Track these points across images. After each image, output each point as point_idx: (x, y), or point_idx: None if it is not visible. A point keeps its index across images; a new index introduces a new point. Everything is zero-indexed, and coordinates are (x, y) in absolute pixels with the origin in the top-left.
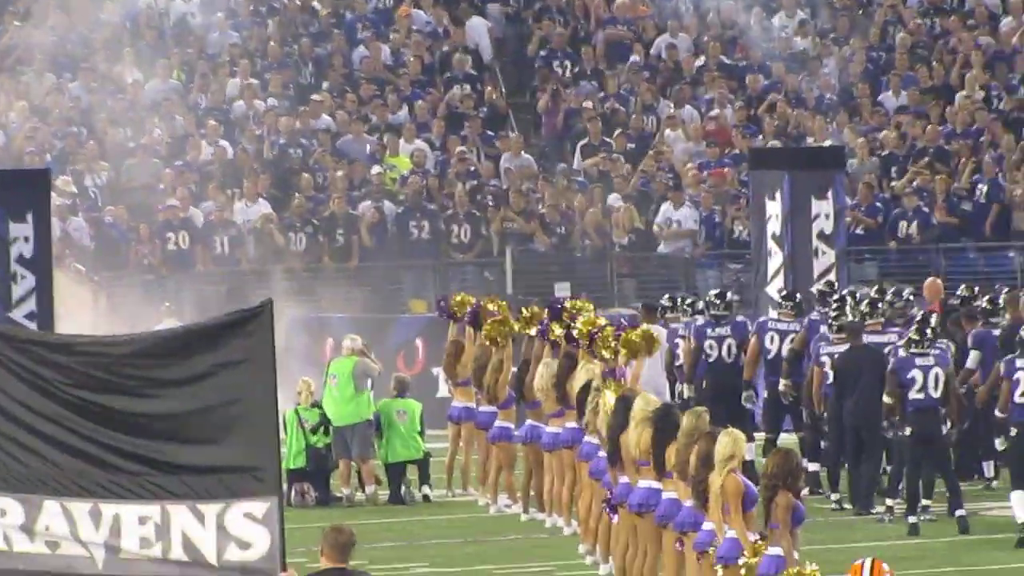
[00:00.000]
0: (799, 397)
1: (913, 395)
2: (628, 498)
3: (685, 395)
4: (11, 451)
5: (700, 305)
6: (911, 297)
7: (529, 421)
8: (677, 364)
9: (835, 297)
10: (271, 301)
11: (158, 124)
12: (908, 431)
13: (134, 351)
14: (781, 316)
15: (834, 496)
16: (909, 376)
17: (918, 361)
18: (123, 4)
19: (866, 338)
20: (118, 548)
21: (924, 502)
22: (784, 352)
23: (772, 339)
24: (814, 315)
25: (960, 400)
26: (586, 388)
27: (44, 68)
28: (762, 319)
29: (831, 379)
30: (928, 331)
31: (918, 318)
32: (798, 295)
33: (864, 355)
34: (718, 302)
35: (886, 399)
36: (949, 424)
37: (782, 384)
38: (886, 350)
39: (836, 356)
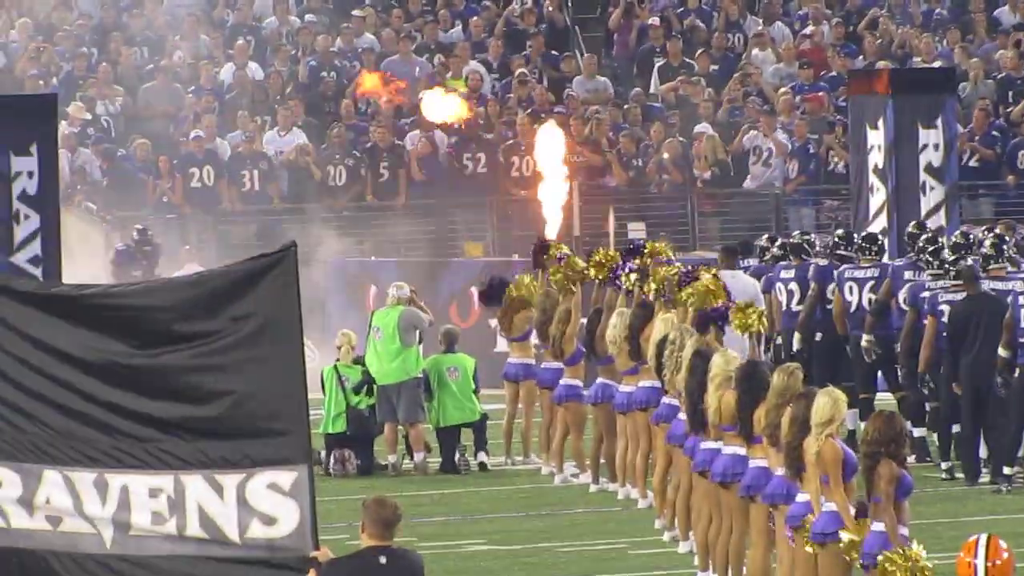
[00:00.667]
0: (883, 353)
1: None
2: (711, 466)
3: (795, 347)
4: (6, 415)
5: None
6: None
7: (600, 379)
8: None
9: (926, 237)
10: (294, 244)
11: (179, 44)
12: None
13: (143, 303)
14: (864, 261)
15: (944, 464)
16: None
17: None
18: None
19: (987, 285)
20: (127, 524)
21: None
22: (865, 302)
23: (851, 289)
24: (897, 260)
25: None
26: (664, 341)
27: None
28: (841, 267)
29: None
30: None
31: None
32: (879, 237)
33: (984, 304)
34: (871, 245)
35: (1002, 352)
36: None
37: (865, 340)
38: (1008, 299)
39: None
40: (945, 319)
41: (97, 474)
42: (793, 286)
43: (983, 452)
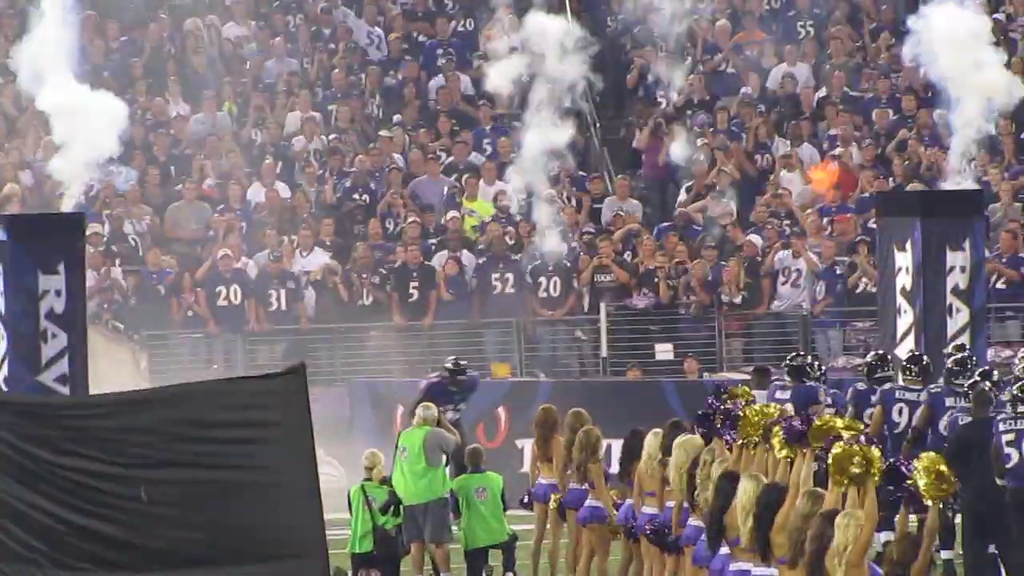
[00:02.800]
0: None
1: None
2: None
3: None
4: (2, 539)
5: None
6: None
7: (628, 500)
8: None
9: (954, 359)
10: (303, 364)
11: (206, 163)
12: None
13: (128, 423)
14: (908, 383)
15: None
16: None
17: None
18: (167, 26)
19: None
20: None
21: None
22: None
23: (900, 410)
24: (935, 386)
25: None
26: (694, 464)
27: None
28: (887, 387)
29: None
30: None
31: None
32: (925, 358)
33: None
34: (913, 367)
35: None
36: None
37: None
38: None
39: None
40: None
41: None
42: (788, 407)
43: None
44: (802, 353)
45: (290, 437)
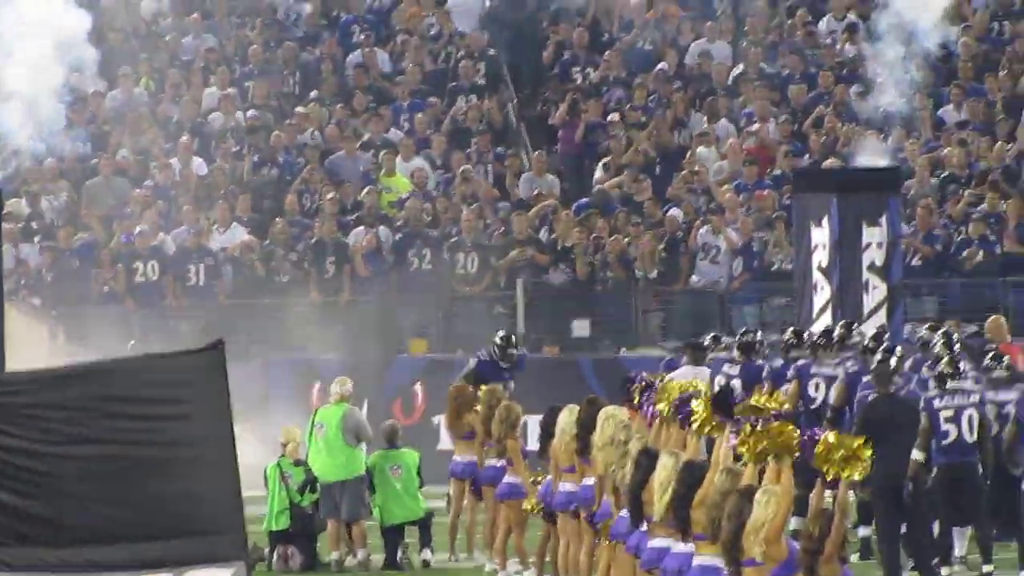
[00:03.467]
0: None
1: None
2: (660, 564)
3: None
4: None
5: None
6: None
7: (549, 477)
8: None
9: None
10: (222, 341)
11: (123, 139)
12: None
13: (50, 398)
14: (821, 357)
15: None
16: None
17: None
18: (85, 2)
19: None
20: None
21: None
22: (831, 399)
23: (817, 386)
24: (851, 364)
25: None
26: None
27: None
28: (802, 362)
29: None
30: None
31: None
32: (834, 332)
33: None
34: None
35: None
36: None
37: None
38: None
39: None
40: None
41: None
42: (736, 383)
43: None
44: (752, 330)
45: (208, 413)
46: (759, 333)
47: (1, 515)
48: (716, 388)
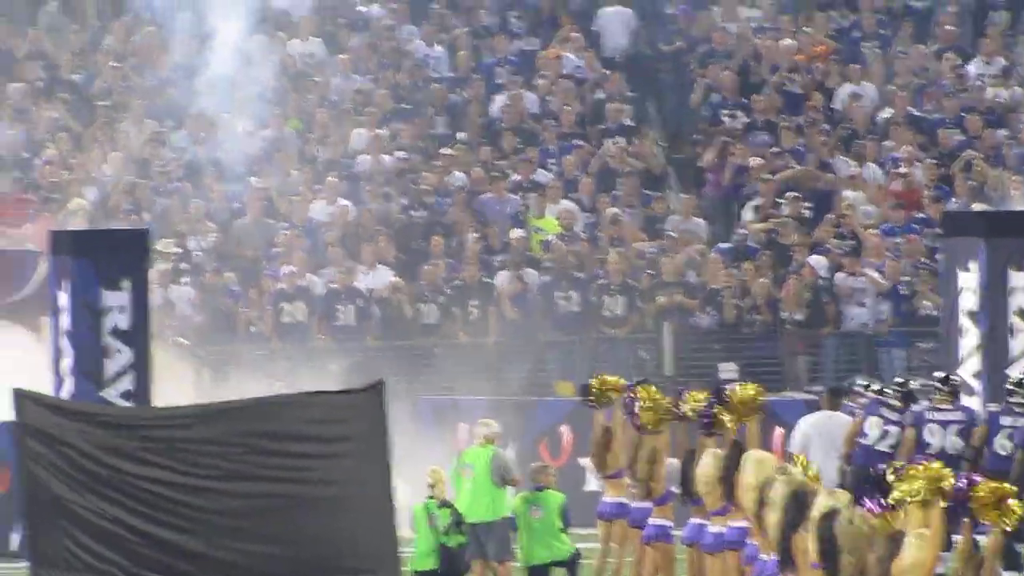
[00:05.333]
0: None
1: None
2: None
3: None
4: (74, 551)
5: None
6: None
7: (692, 519)
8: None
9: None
10: (382, 382)
11: (272, 180)
12: None
13: (201, 434)
14: (938, 403)
15: None
16: None
17: None
18: (233, 44)
19: None
20: None
21: None
22: (950, 446)
23: (932, 431)
24: (991, 406)
25: None
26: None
27: (143, 115)
28: (917, 409)
29: None
30: None
31: None
32: (953, 379)
33: None
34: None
35: None
36: None
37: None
38: None
39: None
40: None
41: None
42: (892, 428)
43: None
44: (909, 379)
45: (368, 453)
46: (913, 381)
47: (153, 549)
48: (871, 432)
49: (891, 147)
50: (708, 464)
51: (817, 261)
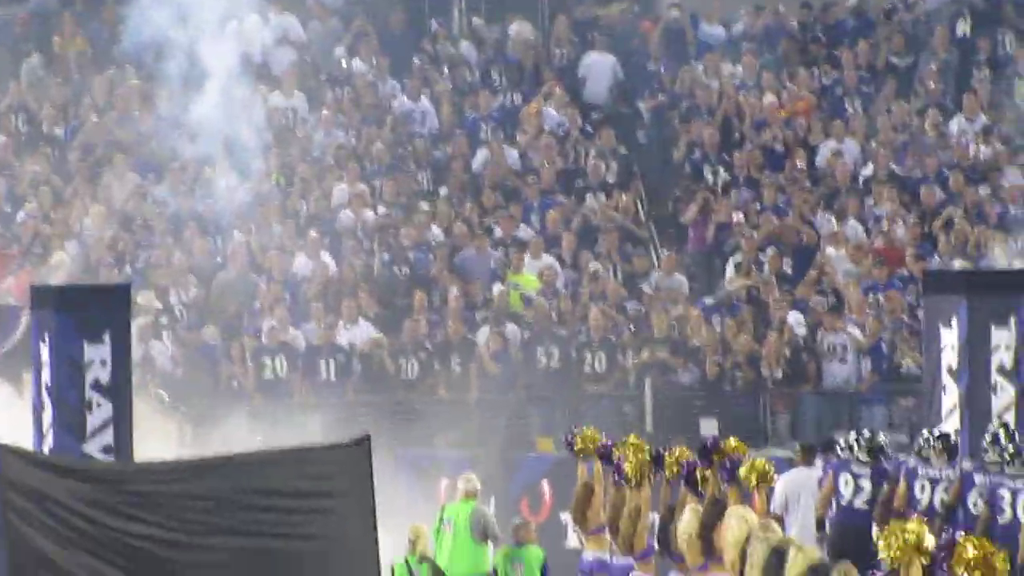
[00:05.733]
0: None
1: None
2: None
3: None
4: None
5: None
6: None
7: (672, 575)
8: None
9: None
10: (368, 437)
11: (254, 234)
12: None
13: (195, 487)
14: (928, 461)
15: None
16: None
17: None
18: (215, 97)
19: None
20: None
21: None
22: (936, 504)
23: (923, 487)
24: (966, 464)
25: None
26: (747, 539)
27: (125, 169)
28: (910, 464)
29: None
30: None
31: None
32: (952, 436)
33: None
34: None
35: None
36: None
37: None
38: None
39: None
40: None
41: None
42: (865, 483)
43: None
44: (877, 432)
45: (353, 509)
46: (883, 435)
47: None
48: (844, 490)
49: (873, 204)
50: (688, 520)
51: (796, 318)
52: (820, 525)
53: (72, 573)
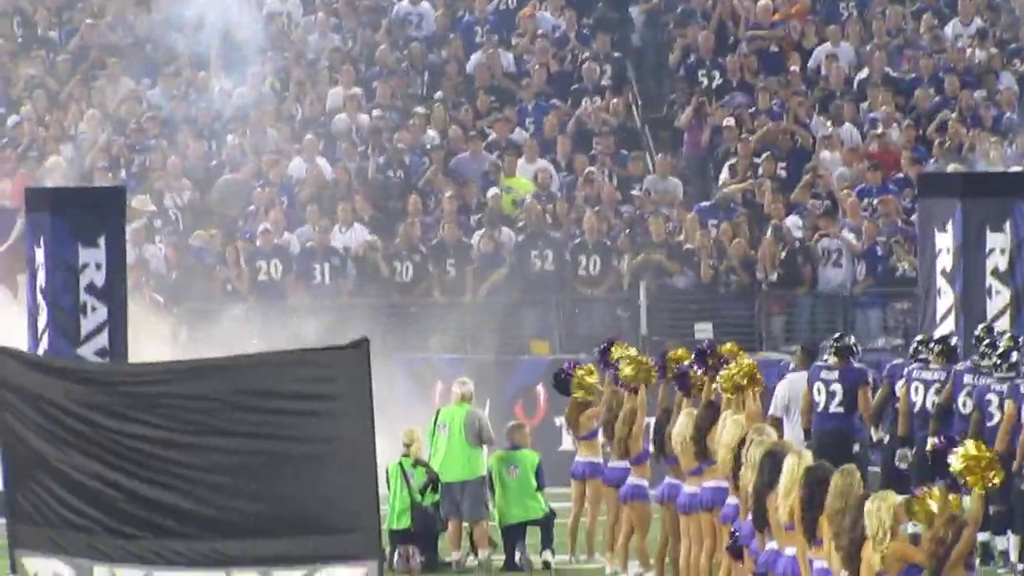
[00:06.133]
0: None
1: None
2: (773, 568)
3: (873, 439)
4: (58, 509)
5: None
6: None
7: (667, 479)
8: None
9: (987, 341)
10: (367, 339)
11: (248, 138)
12: None
13: (187, 389)
14: (927, 364)
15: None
16: None
17: None
18: (211, 1)
19: None
20: None
21: None
22: (929, 406)
23: (916, 389)
24: (959, 364)
25: None
26: (741, 443)
27: (120, 73)
28: (899, 364)
29: None
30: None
31: None
32: (951, 339)
33: None
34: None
35: None
36: None
37: (930, 443)
38: None
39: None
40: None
41: (145, 572)
42: (835, 387)
43: None
44: (845, 334)
45: (351, 411)
46: (850, 337)
47: (135, 506)
48: (818, 397)
49: (868, 108)
50: (683, 424)
51: (794, 221)
52: (807, 435)
53: (69, 475)
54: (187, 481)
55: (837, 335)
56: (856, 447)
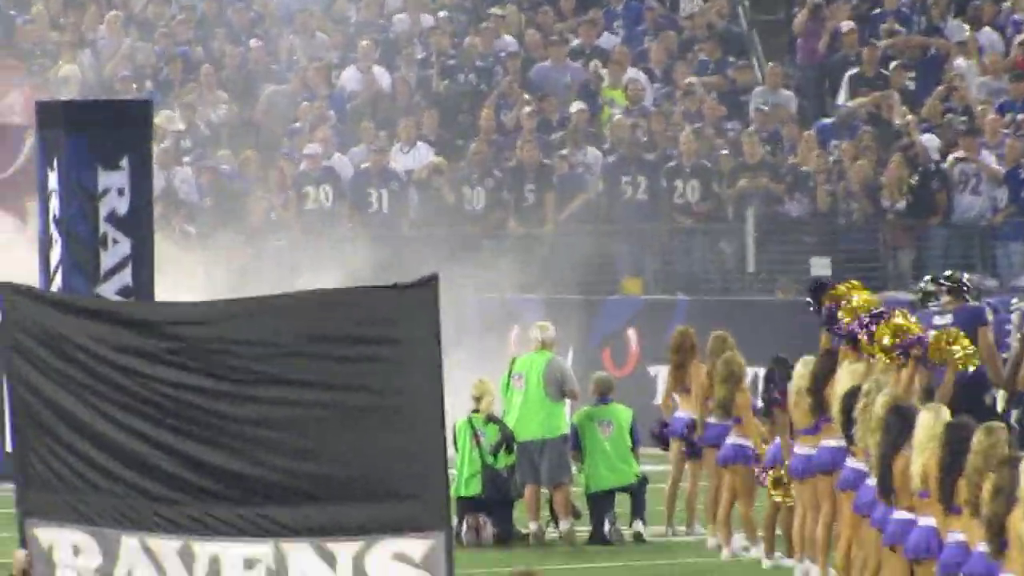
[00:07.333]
0: None
1: None
2: (904, 540)
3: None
4: (78, 470)
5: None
6: None
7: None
8: None
9: None
10: (436, 276)
11: (294, 44)
12: None
13: (234, 334)
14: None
15: None
16: None
17: None
18: None
19: None
20: None
21: None
22: None
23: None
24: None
25: None
26: (853, 395)
27: None
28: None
29: None
30: None
31: None
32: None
33: None
34: None
35: None
36: None
37: None
38: None
39: None
40: None
41: (183, 543)
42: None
43: None
44: (957, 272)
45: (418, 359)
46: (966, 274)
47: (174, 464)
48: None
49: (1011, 8)
50: (799, 374)
51: (925, 142)
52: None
53: (94, 429)
54: (233, 436)
55: (948, 273)
56: (988, 399)
